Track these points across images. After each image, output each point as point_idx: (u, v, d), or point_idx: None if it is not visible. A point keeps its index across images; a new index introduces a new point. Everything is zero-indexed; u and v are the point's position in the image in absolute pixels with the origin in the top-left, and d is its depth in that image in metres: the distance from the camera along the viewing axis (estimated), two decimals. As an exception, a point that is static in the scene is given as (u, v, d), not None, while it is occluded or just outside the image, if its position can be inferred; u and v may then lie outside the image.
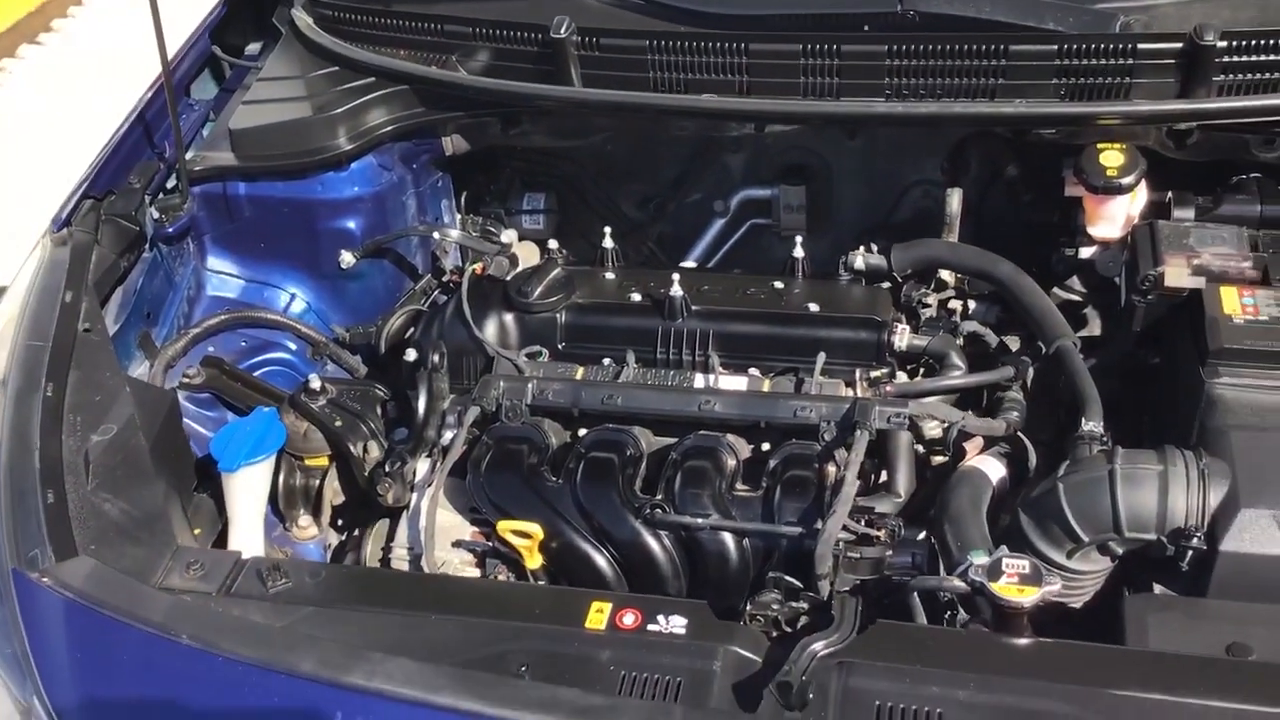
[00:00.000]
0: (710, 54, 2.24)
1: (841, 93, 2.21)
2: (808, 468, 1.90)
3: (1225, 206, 2.13)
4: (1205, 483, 1.71)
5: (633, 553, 1.91)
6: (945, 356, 2.10)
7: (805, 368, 2.08)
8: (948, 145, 2.49)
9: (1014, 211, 2.47)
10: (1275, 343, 1.86)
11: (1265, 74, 2.07)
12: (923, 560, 1.87)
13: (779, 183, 2.65)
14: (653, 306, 2.18)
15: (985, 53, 2.13)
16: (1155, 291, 2.00)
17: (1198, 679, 1.52)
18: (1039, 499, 1.81)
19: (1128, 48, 2.09)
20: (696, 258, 2.74)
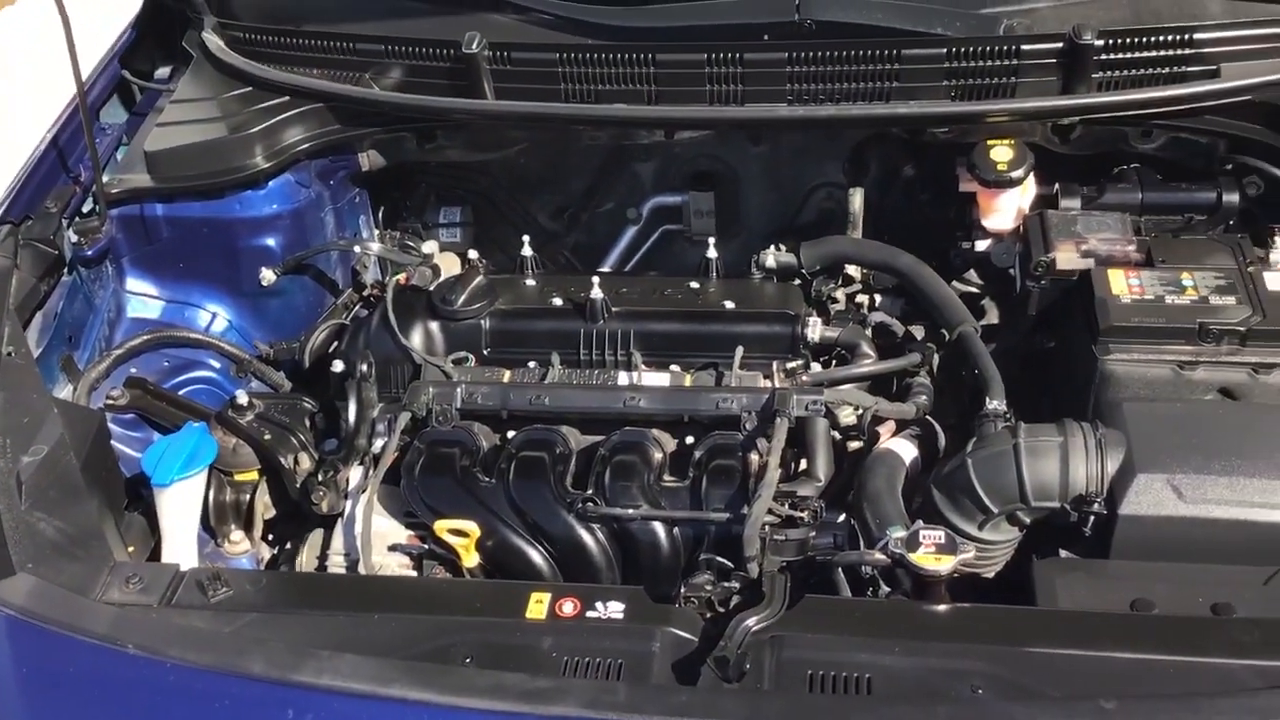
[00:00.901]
0: (619, 65, 2.32)
1: (746, 99, 2.30)
2: (731, 457, 1.98)
3: (1109, 195, 2.27)
4: (1103, 452, 1.82)
5: (566, 546, 1.97)
6: (856, 346, 2.20)
7: (724, 362, 2.16)
8: (847, 148, 2.60)
9: (912, 209, 2.59)
10: (1160, 319, 1.99)
11: (1140, 70, 2.21)
12: (844, 540, 1.96)
13: (688, 189, 2.73)
14: (574, 310, 2.25)
15: (879, 58, 2.24)
16: (1048, 276, 2.13)
17: (1106, 634, 1.62)
18: (950, 475, 1.91)
19: (1012, 49, 2.22)
20: (612, 265, 2.81)
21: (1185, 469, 1.80)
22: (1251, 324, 1.96)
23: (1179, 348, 1.98)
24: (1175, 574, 1.76)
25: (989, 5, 2.34)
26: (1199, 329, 1.97)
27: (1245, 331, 1.96)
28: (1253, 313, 1.97)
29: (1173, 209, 2.25)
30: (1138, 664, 1.58)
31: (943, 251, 2.44)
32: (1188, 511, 1.78)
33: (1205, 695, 1.48)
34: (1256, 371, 1.95)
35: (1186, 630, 1.65)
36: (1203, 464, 1.80)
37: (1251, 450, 1.81)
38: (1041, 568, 1.81)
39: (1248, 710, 1.45)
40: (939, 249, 2.43)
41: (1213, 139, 2.29)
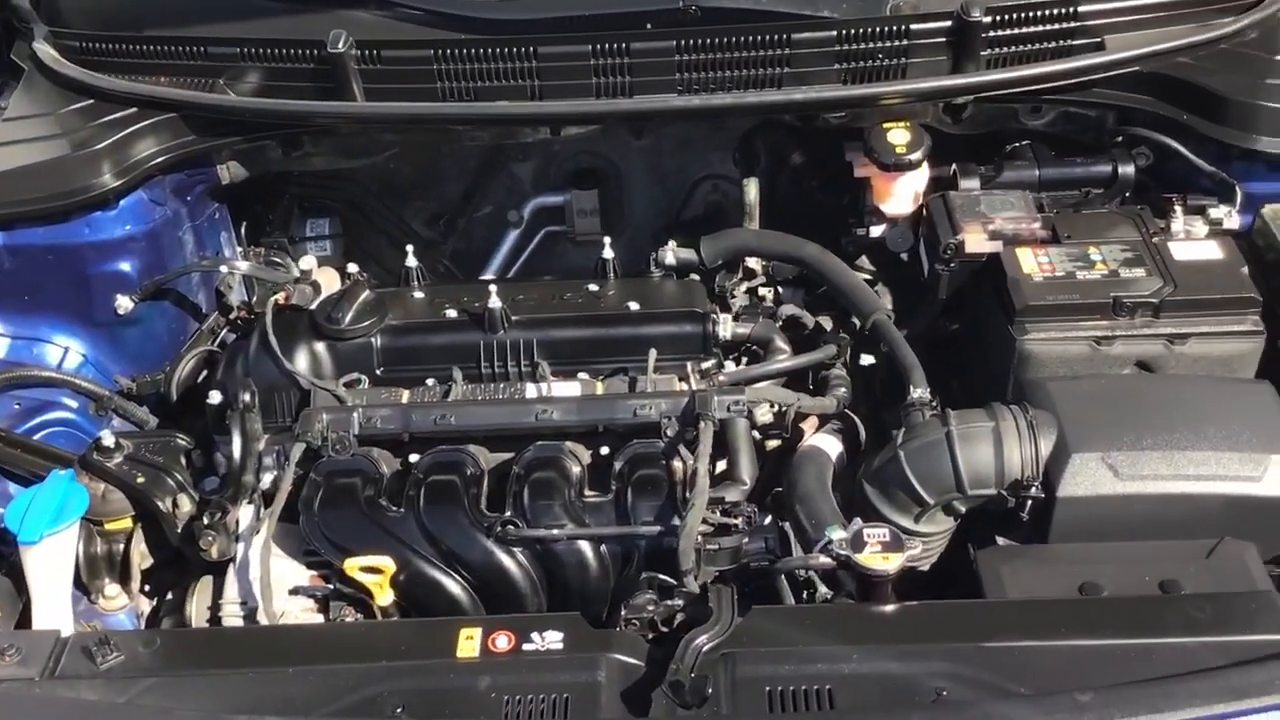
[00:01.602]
0: (499, 60, 2.21)
1: (635, 90, 2.22)
2: (655, 465, 1.88)
3: (1007, 173, 2.25)
4: (1035, 434, 1.79)
5: (487, 573, 1.85)
6: (769, 341, 2.13)
7: (634, 367, 2.06)
8: (734, 138, 2.53)
9: (802, 196, 2.54)
10: (1075, 296, 1.97)
11: (1027, 45, 2.21)
12: (775, 543, 1.89)
13: (570, 188, 2.63)
14: (471, 321, 2.12)
15: (769, 43, 2.18)
16: (957, 259, 2.09)
17: (1061, 621, 1.59)
18: (882, 469, 1.86)
19: (901, 29, 2.18)
20: (494, 271, 2.69)
21: (1118, 446, 1.78)
22: (1164, 295, 1.96)
23: (1094, 323, 1.97)
24: (1118, 553, 1.74)
25: (876, -15, 2.31)
26: (1113, 303, 1.96)
27: (1158, 303, 1.95)
28: (1164, 284, 1.97)
29: (1070, 184, 2.25)
30: (1097, 650, 1.55)
31: (835, 238, 2.39)
32: (1125, 489, 1.76)
33: (1178, 678, 1.45)
34: (1172, 342, 1.95)
35: (1140, 611, 1.62)
36: (1135, 440, 1.79)
37: (1179, 422, 1.80)
38: (985, 557, 1.77)
39: (1222, 691, 1.42)
40: (831, 236, 2.39)
41: (1101, 112, 2.30)
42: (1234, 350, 1.96)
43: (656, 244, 2.51)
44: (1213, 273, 1.99)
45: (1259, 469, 1.76)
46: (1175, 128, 2.23)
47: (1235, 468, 1.76)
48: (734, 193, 2.62)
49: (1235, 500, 1.76)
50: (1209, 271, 2.00)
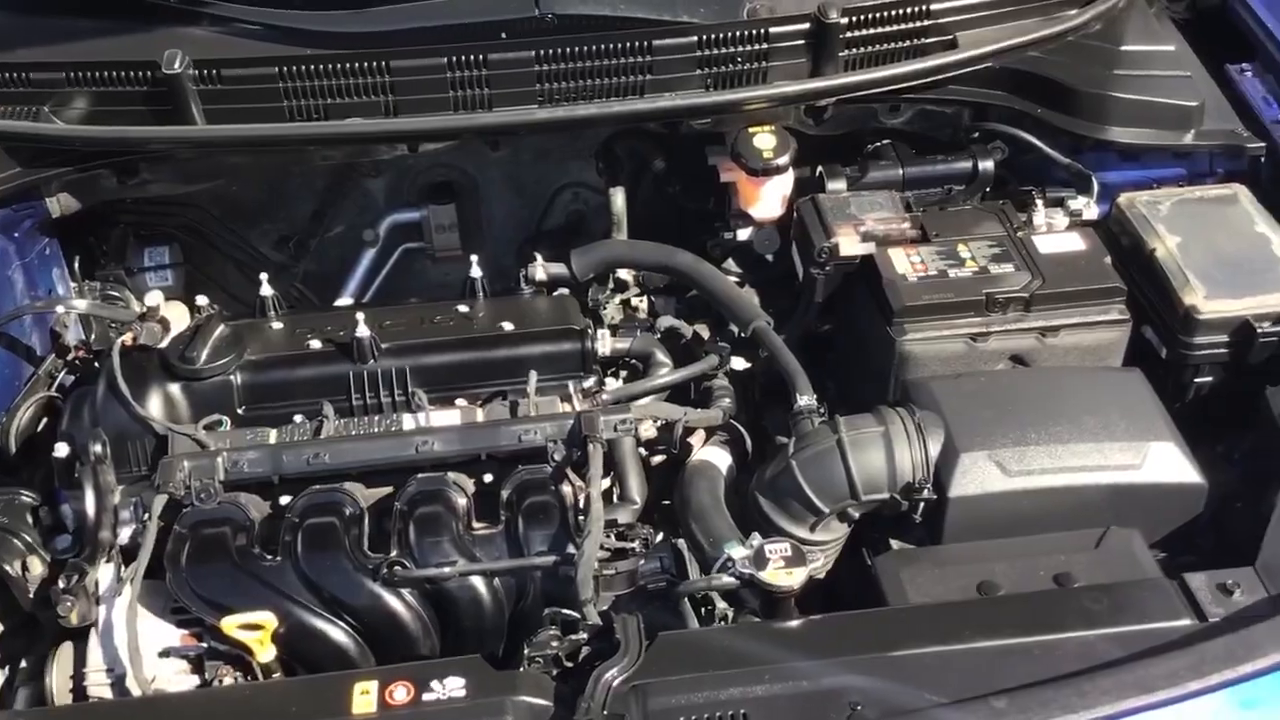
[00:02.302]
0: (349, 75, 2.11)
1: (494, 103, 2.15)
2: (545, 492, 1.82)
3: (872, 174, 2.26)
4: (924, 436, 1.79)
5: (375, 619, 1.76)
6: (650, 355, 2.09)
7: (513, 389, 2.00)
8: (593, 146, 2.49)
9: (666, 202, 2.51)
10: (949, 294, 1.99)
11: (884, 45, 2.22)
12: (671, 562, 1.85)
13: (426, 203, 2.55)
14: (338, 351, 2.01)
15: (630, 50, 2.14)
16: (832, 262, 2.09)
17: (965, 624, 1.59)
18: (775, 480, 1.83)
19: (761, 32, 2.17)
20: (351, 293, 2.58)
21: (1004, 443, 1.80)
22: (1033, 289, 1.99)
23: (969, 320, 1.99)
24: (1011, 550, 1.76)
25: (728, -11, 2.29)
26: (986, 300, 1.98)
27: (1029, 297, 1.98)
28: (1032, 278, 2.00)
29: (933, 181, 2.27)
30: (1003, 650, 1.55)
31: (700, 243, 2.37)
32: (1013, 485, 1.78)
33: (1087, 676, 1.46)
34: (1044, 335, 1.98)
35: (1038, 608, 1.64)
36: (1019, 435, 1.81)
37: (1059, 415, 1.84)
38: (883, 563, 1.77)
39: (1129, 686, 1.44)
40: (696, 241, 2.36)
41: (958, 108, 2.33)
42: (1102, 339, 2.00)
43: (519, 257, 2.46)
44: (1077, 264, 2.03)
45: (1138, 456, 1.80)
46: (1029, 121, 2.28)
47: (1115, 457, 1.80)
48: (595, 201, 2.58)
49: (1118, 489, 1.79)
50: (1074, 263, 2.04)
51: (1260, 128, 2.26)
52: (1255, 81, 2.35)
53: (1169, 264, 2.05)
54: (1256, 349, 1.97)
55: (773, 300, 2.27)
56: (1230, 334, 1.98)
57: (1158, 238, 2.09)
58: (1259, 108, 2.29)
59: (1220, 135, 2.25)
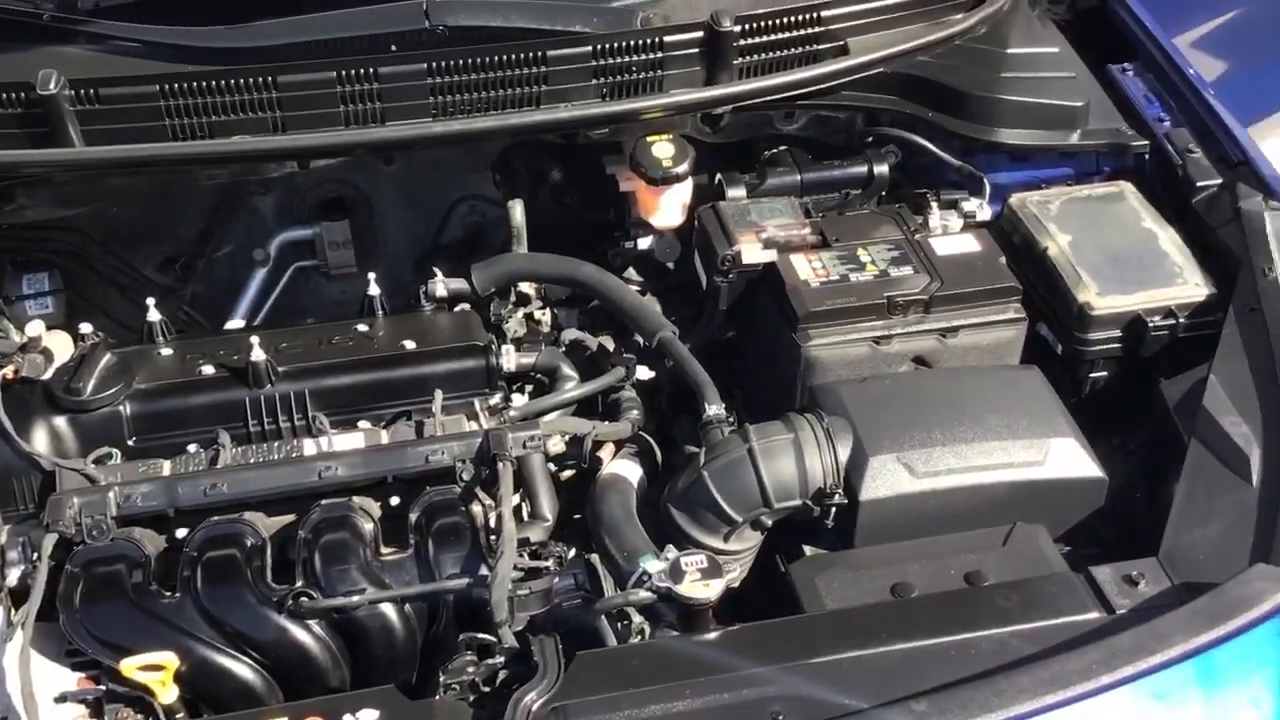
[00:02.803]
0: (234, 92, 2.05)
1: (387, 117, 2.10)
2: (455, 513, 1.78)
3: (770, 180, 2.27)
4: (833, 441, 1.80)
5: (282, 652, 1.70)
6: (556, 369, 2.06)
7: (417, 409, 1.96)
8: (489, 158, 2.45)
9: (564, 213, 2.49)
10: (851, 299, 2.00)
11: (777, 52, 2.23)
12: (584, 579, 1.83)
13: (318, 220, 2.49)
14: (232, 377, 1.95)
15: (524, 61, 2.12)
16: (735, 270, 2.09)
17: (881, 627, 1.60)
18: (687, 491, 1.83)
19: (655, 41, 2.16)
20: (243, 314, 2.51)
21: (911, 445, 1.82)
22: (932, 291, 2.01)
23: (871, 324, 2.00)
24: (923, 550, 1.78)
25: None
26: (887, 303, 1.99)
27: (928, 299, 2.00)
28: (931, 280, 2.02)
29: (830, 186, 2.28)
30: (920, 652, 1.57)
31: (600, 253, 2.35)
32: (922, 486, 1.80)
33: (1004, 674, 1.48)
34: (944, 336, 2.01)
35: (952, 608, 1.66)
36: (925, 437, 1.83)
37: (963, 415, 1.86)
38: (798, 570, 1.77)
39: (1045, 682, 1.46)
40: (596, 251, 2.35)
41: (851, 114, 2.35)
42: (1000, 338, 2.03)
43: (417, 273, 2.42)
44: (974, 265, 2.06)
45: (1040, 453, 1.83)
46: (921, 125, 2.31)
47: (1018, 454, 1.83)
48: (493, 213, 2.55)
49: (1022, 485, 1.82)
50: (970, 264, 2.06)
51: (1143, 126, 2.32)
52: (1136, 81, 2.41)
53: (1061, 262, 2.09)
54: (1148, 342, 2.02)
55: (675, 308, 2.27)
56: (1123, 329, 2.03)
57: (1049, 237, 2.13)
58: (1141, 106, 2.35)
59: (1105, 134, 2.31)
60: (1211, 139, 2.26)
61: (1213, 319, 2.01)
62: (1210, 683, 1.51)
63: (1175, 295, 2.04)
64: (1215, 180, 2.19)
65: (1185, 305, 2.03)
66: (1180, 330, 2.02)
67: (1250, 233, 2.07)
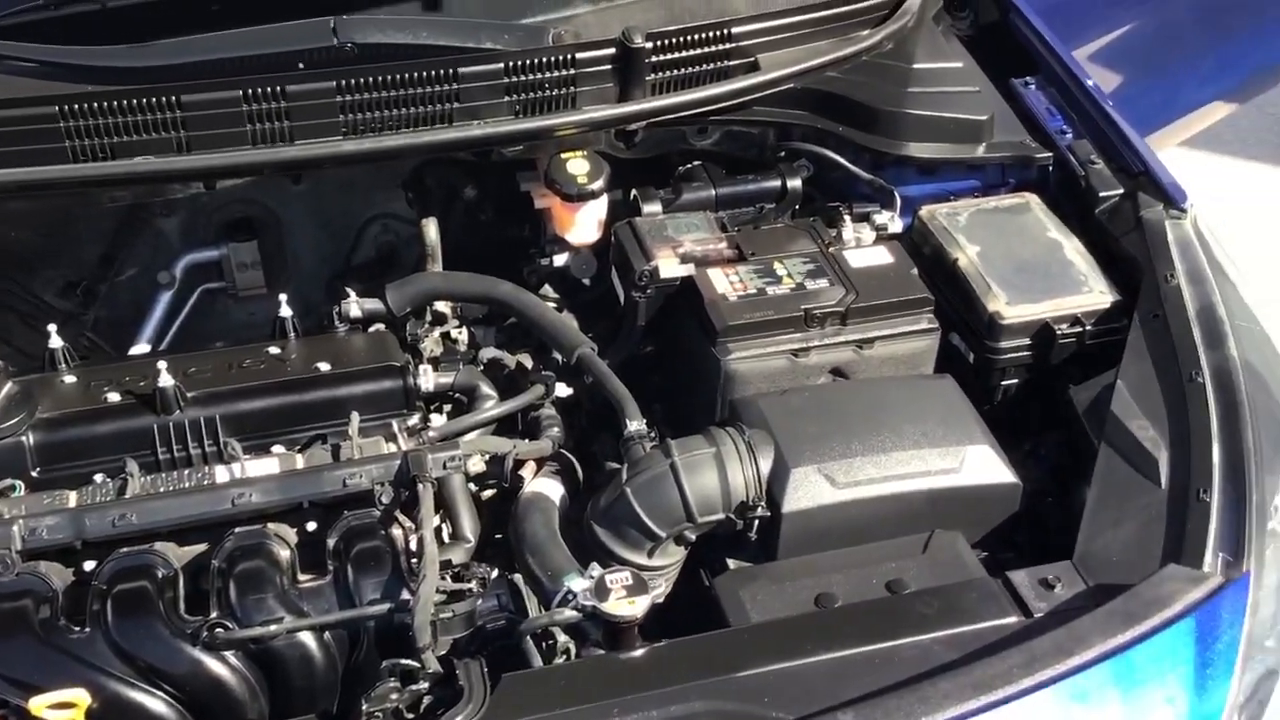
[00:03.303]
0: (137, 112, 2.00)
1: (295, 135, 2.07)
2: (374, 537, 1.75)
3: (685, 195, 2.27)
4: (755, 453, 1.81)
5: (197, 685, 1.66)
6: (475, 388, 2.04)
7: (333, 432, 1.92)
8: (401, 176, 2.43)
9: (478, 230, 2.47)
10: (769, 312, 2.01)
11: (689, 69, 2.24)
12: (507, 599, 1.81)
13: (226, 241, 2.44)
14: (139, 404, 1.90)
15: (435, 78, 2.10)
16: (653, 285, 2.09)
17: (806, 638, 1.61)
18: (610, 508, 1.82)
19: (567, 58, 2.16)
20: (148, 339, 2.45)
21: (831, 455, 1.83)
22: (848, 303, 2.03)
23: (790, 336, 2.01)
24: (845, 560, 1.79)
25: (529, 14, 2.28)
26: (805, 315, 2.01)
27: (844, 311, 2.02)
28: (846, 292, 2.04)
29: (744, 200, 2.29)
30: (845, 661, 1.58)
31: (516, 270, 2.34)
32: (843, 496, 1.81)
33: (927, 680, 1.49)
34: (861, 348, 2.03)
35: (875, 616, 1.68)
36: (845, 448, 1.84)
37: (881, 425, 1.88)
38: (723, 583, 1.77)
39: (967, 687, 1.48)
40: (511, 268, 2.33)
41: (763, 129, 2.36)
42: (915, 348, 2.06)
43: (329, 293, 2.38)
44: (887, 277, 2.09)
45: (957, 460, 1.86)
46: (832, 140, 2.33)
47: (935, 462, 1.85)
48: (406, 232, 2.52)
49: (939, 493, 1.84)
50: (884, 276, 2.09)
51: (1046, 138, 2.37)
52: (1039, 94, 2.46)
53: (971, 272, 2.13)
54: (1057, 349, 2.06)
55: (592, 324, 2.26)
56: (1032, 337, 2.07)
57: (959, 248, 2.17)
58: (1044, 119, 2.40)
59: (1010, 147, 2.36)
60: (1112, 150, 2.32)
61: (1118, 325, 2.06)
62: (1127, 682, 1.55)
63: (1081, 303, 2.08)
64: (1117, 190, 2.24)
65: (1091, 313, 2.08)
66: (1087, 337, 2.07)
67: (1152, 241, 2.13)
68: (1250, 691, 1.64)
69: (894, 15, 2.41)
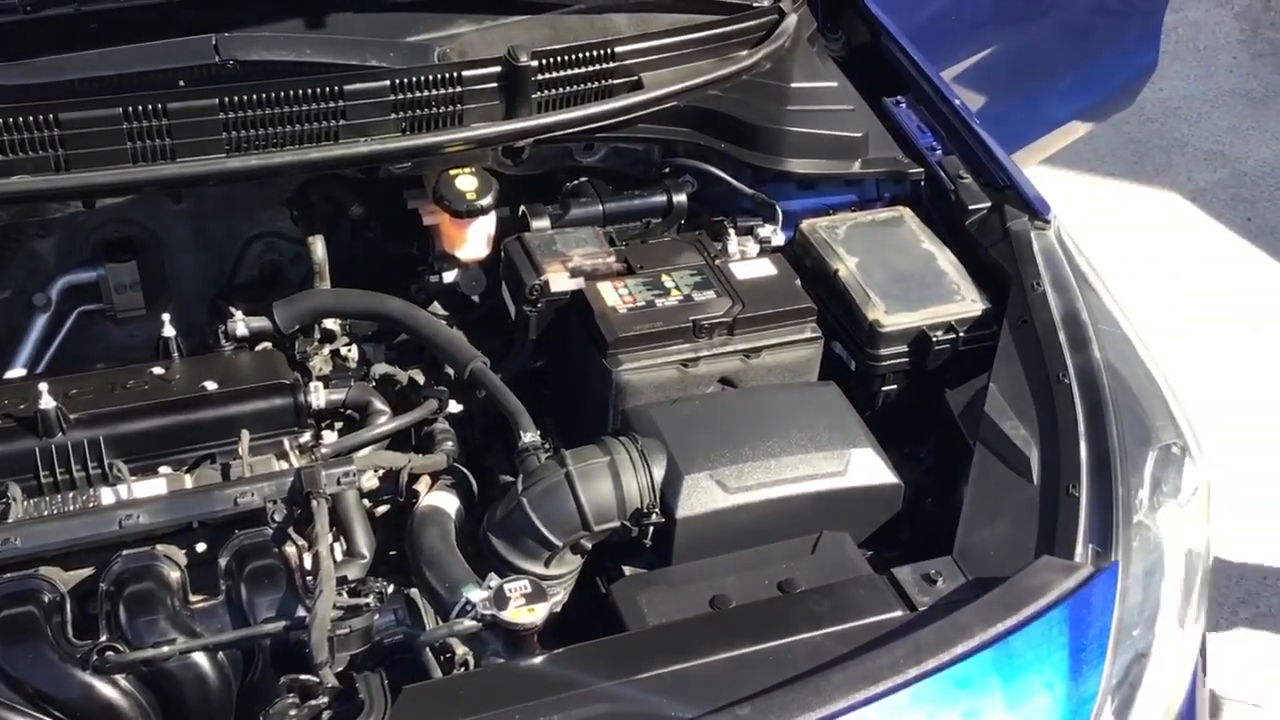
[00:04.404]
0: (12, 130, 1.96)
1: (177, 153, 2.05)
2: (268, 555, 1.74)
3: (574, 211, 2.30)
4: (648, 461, 1.84)
5: (88, 710, 1.62)
6: (367, 404, 2.04)
7: (222, 452, 1.90)
8: (283, 194, 2.41)
9: (365, 248, 2.47)
10: (658, 324, 2.05)
11: (574, 86, 2.27)
12: (404, 614, 1.81)
13: (103, 262, 2.39)
14: (19, 427, 1.85)
15: (321, 95, 2.09)
16: (543, 299, 2.11)
17: (702, 639, 1.65)
18: (506, 519, 1.83)
19: (453, 75, 2.17)
20: (24, 362, 2.37)
21: (722, 461, 1.87)
22: (735, 314, 2.08)
23: (679, 347, 2.05)
24: (738, 563, 1.84)
25: (414, 33, 2.29)
26: (693, 326, 2.05)
27: (731, 321, 2.07)
28: (733, 303, 2.09)
29: (631, 215, 2.33)
30: (741, 660, 1.62)
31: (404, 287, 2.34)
32: (734, 501, 1.85)
33: (820, 674, 1.54)
34: (748, 357, 2.08)
35: (768, 616, 1.72)
36: (735, 454, 1.89)
37: (769, 431, 1.93)
38: (620, 590, 1.80)
39: (860, 679, 1.54)
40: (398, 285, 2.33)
41: (648, 145, 2.41)
42: (800, 357, 2.12)
43: (212, 313, 2.35)
44: (772, 288, 2.14)
45: (841, 464, 1.92)
46: (715, 156, 2.39)
47: (822, 466, 1.91)
48: (290, 250, 2.50)
49: (826, 495, 1.90)
50: (769, 287, 2.15)
51: (917, 154, 2.46)
52: (909, 112, 2.56)
53: (851, 283, 2.20)
54: (933, 355, 2.14)
55: (482, 340, 2.27)
56: (909, 344, 2.15)
57: (839, 259, 2.24)
58: (914, 136, 2.50)
59: (884, 163, 2.44)
60: (979, 165, 2.42)
61: (989, 331, 2.15)
62: (1007, 669, 1.62)
63: (955, 311, 2.17)
64: (985, 203, 2.34)
65: (964, 320, 2.16)
66: (961, 343, 2.15)
67: (1019, 251, 2.23)
68: (1122, 674, 1.73)
69: (771, 36, 2.48)
